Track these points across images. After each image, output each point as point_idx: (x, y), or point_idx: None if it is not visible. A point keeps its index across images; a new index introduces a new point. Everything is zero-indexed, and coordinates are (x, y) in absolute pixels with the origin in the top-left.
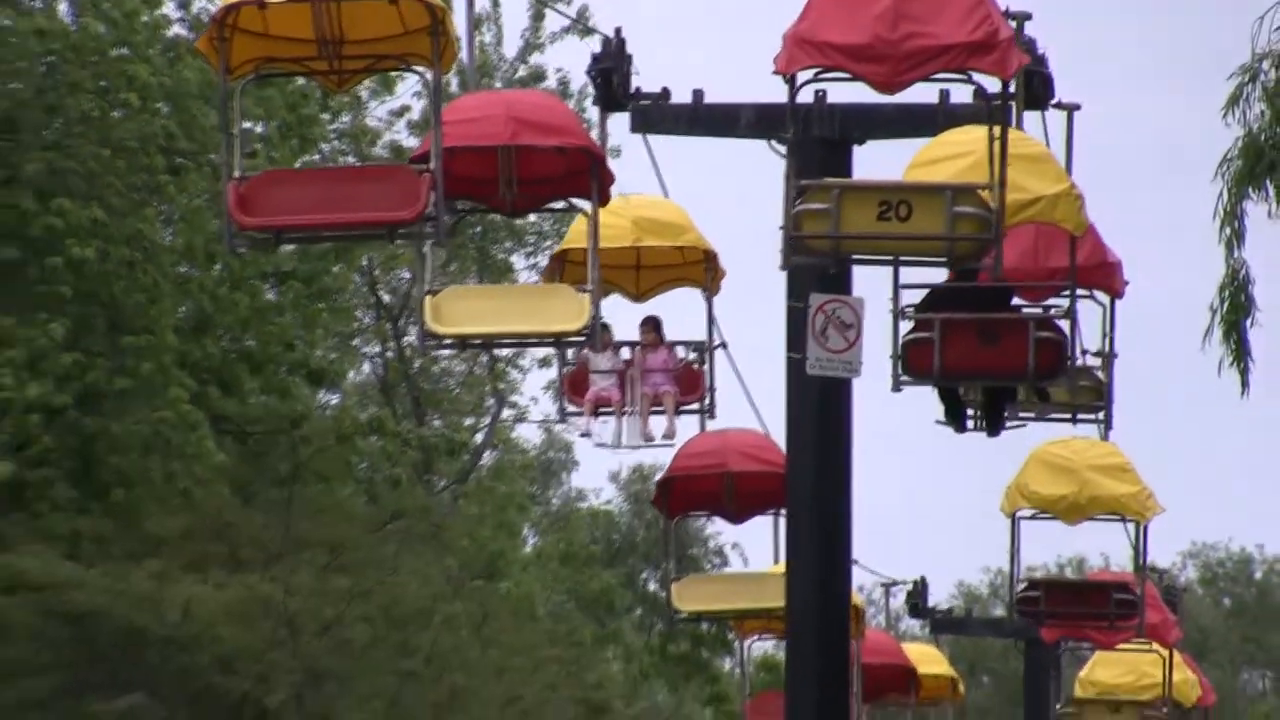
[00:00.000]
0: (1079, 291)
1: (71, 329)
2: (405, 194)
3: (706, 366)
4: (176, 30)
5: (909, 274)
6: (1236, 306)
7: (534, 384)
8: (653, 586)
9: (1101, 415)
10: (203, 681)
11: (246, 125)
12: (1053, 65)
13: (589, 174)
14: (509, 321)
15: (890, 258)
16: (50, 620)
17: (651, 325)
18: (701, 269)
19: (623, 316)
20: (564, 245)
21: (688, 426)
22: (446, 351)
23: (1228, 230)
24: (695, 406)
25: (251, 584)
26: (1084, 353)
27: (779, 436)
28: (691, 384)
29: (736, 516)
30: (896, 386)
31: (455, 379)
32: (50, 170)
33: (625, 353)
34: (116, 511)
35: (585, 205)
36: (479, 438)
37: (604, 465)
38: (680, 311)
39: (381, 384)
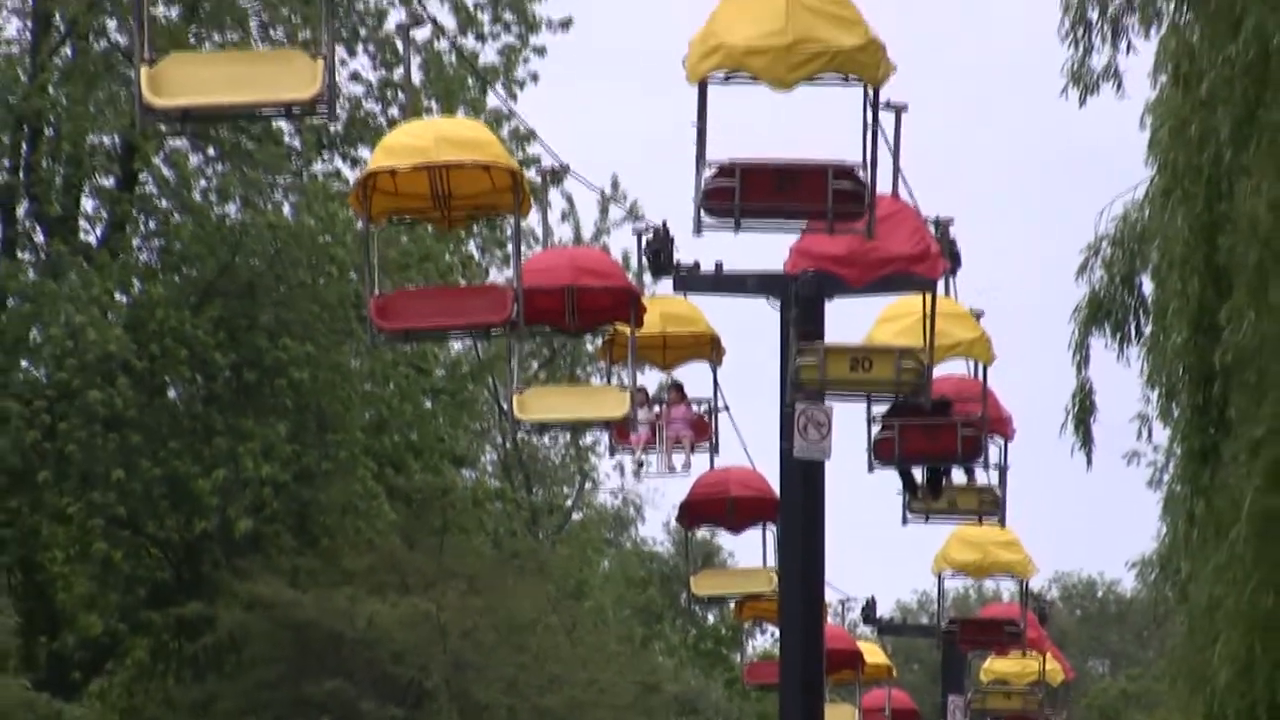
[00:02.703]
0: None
1: (292, 428)
2: (496, 303)
3: (713, 417)
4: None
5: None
6: (1084, 409)
7: (607, 464)
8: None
9: (997, 518)
10: (381, 670)
11: (409, 288)
12: (962, 244)
13: (629, 306)
14: (575, 410)
15: (860, 393)
16: (278, 628)
17: (676, 387)
18: (710, 348)
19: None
20: (612, 334)
21: (701, 461)
22: (546, 440)
23: (1078, 356)
24: (706, 447)
25: (415, 603)
26: (987, 467)
27: (764, 471)
28: (703, 430)
29: (736, 528)
30: (870, 469)
31: (554, 462)
32: (278, 320)
33: (656, 407)
34: (323, 554)
35: (625, 328)
36: (570, 502)
37: (659, 520)
38: (693, 377)
39: (503, 465)
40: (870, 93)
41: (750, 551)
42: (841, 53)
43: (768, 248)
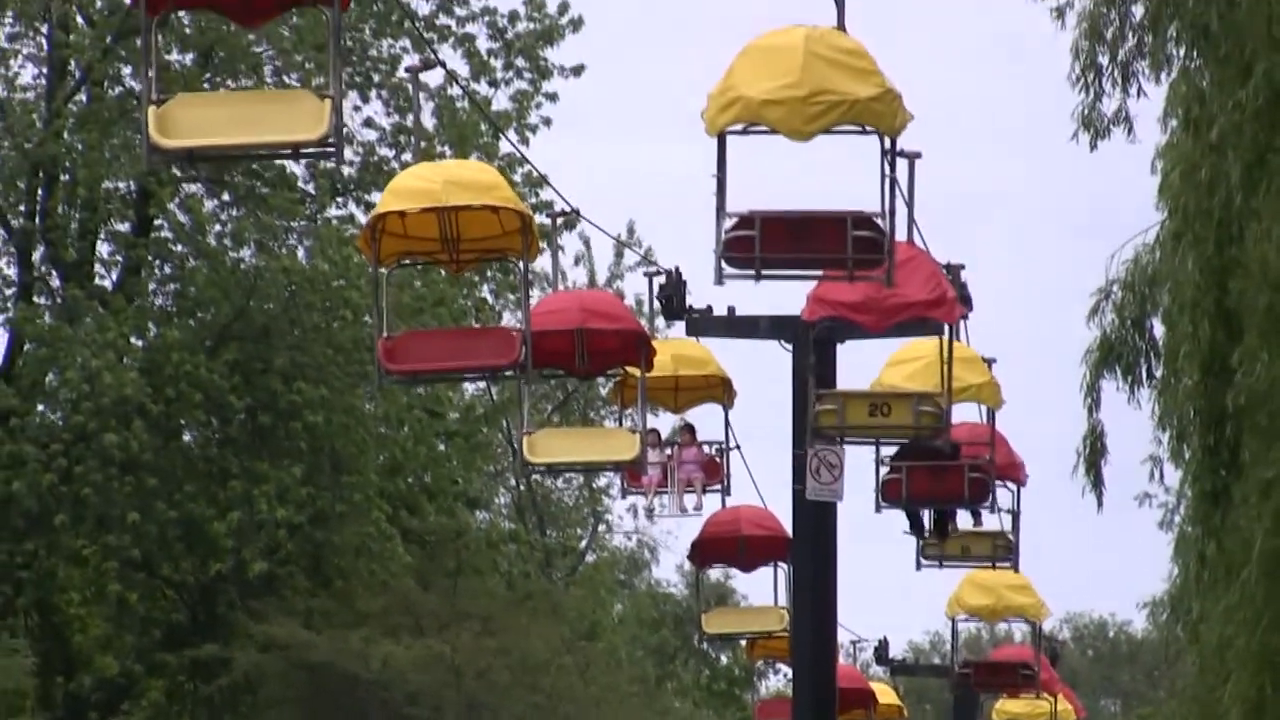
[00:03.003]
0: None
1: (306, 470)
2: (504, 346)
3: (724, 459)
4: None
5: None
6: (1094, 451)
7: (620, 507)
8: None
9: (1010, 563)
10: (396, 711)
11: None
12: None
13: (637, 349)
14: (585, 452)
15: (874, 438)
16: (292, 669)
17: (687, 429)
18: (721, 390)
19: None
20: (623, 376)
21: (712, 501)
22: (560, 482)
23: (1089, 399)
24: (717, 487)
25: (429, 644)
26: (999, 511)
27: (775, 509)
28: (714, 471)
29: (747, 567)
30: (878, 509)
31: (567, 504)
32: (292, 363)
33: (668, 449)
34: (337, 595)
35: (634, 371)
36: (583, 544)
37: (673, 562)
38: (705, 419)
39: (517, 507)
40: (886, 143)
41: (763, 592)
42: (858, 103)
43: (777, 291)
